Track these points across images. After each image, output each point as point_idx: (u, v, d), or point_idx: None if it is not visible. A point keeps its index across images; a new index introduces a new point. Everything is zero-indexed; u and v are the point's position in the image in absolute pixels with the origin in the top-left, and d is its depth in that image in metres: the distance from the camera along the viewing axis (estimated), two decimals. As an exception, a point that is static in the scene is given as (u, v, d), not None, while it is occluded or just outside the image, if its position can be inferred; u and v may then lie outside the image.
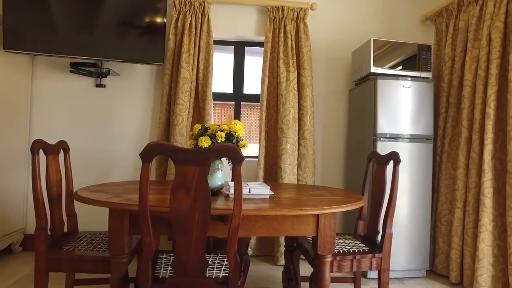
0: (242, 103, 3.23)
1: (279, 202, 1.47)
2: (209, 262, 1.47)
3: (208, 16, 2.84)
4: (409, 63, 2.60)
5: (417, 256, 2.53)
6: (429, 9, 3.08)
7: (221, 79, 3.33)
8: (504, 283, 2.18)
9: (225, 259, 1.50)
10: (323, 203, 1.47)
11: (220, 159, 1.69)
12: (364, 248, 1.76)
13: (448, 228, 2.53)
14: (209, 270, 1.39)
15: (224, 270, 1.39)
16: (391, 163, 1.78)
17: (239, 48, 3.18)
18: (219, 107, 4.72)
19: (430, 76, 2.60)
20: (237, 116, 3.14)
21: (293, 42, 2.86)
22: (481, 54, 2.29)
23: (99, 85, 2.89)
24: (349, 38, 3.09)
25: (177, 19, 2.84)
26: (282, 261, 2.71)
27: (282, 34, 2.86)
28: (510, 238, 2.05)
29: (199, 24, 2.84)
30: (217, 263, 1.47)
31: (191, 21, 2.82)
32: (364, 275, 2.53)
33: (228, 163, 1.86)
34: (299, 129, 2.83)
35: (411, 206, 2.52)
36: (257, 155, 3.05)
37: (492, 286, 2.18)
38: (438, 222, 2.61)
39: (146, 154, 1.17)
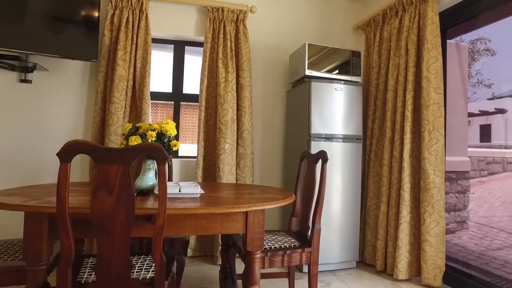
0: (182, 103, 3.19)
1: (209, 201, 1.48)
2: (139, 263, 1.44)
3: (146, 13, 2.77)
4: (343, 68, 2.78)
5: (348, 248, 2.70)
6: (360, 18, 3.31)
7: (160, 78, 3.26)
8: (417, 267, 2.43)
9: (155, 260, 1.48)
10: (253, 201, 1.51)
11: (152, 158, 1.67)
12: (295, 244, 1.85)
13: (375, 222, 2.75)
14: (136, 272, 1.36)
15: (152, 271, 1.37)
16: (321, 162, 1.89)
17: (179, 47, 3.14)
18: (161, 106, 4.60)
19: (360, 80, 2.80)
20: (176, 115, 3.10)
21: (233, 44, 2.90)
22: (401, 62, 2.53)
23: (23, 80, 2.66)
24: (287, 42, 3.20)
25: (113, 14, 2.72)
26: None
27: (221, 35, 2.88)
28: (423, 227, 2.29)
29: (137, 21, 2.75)
30: (147, 264, 1.44)
31: (128, 17, 2.72)
32: (300, 269, 2.64)
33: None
34: (237, 129, 2.87)
35: (343, 202, 2.68)
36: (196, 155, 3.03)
37: (408, 270, 2.42)
38: (367, 216, 2.81)
39: (64, 154, 1.12)
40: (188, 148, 3.23)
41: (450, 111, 2.74)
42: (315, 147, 2.59)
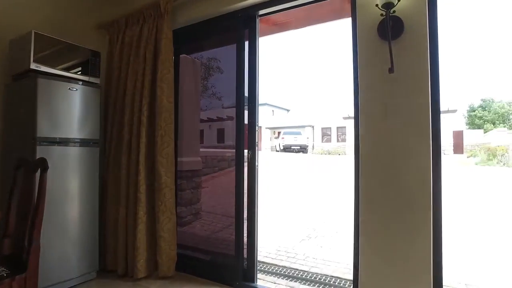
0: None
1: None
2: None
3: None
4: (81, 67, 2.59)
5: (88, 259, 2.55)
6: (104, 18, 3.15)
7: None
8: (154, 262, 2.62)
9: None
10: None
11: None
12: (3, 273, 1.53)
13: (115, 226, 2.72)
14: None
15: None
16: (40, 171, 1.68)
17: None
18: None
19: (98, 82, 2.69)
20: None
21: None
22: (139, 68, 2.64)
23: None
24: (8, 23, 2.59)
25: None
26: None
27: None
28: (158, 225, 2.50)
29: None
30: None
31: None
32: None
33: None
34: None
35: (81, 211, 2.51)
36: None
37: (146, 268, 2.57)
38: (107, 222, 2.74)
39: None
40: None
41: (187, 117, 3.13)
42: (44, 153, 2.25)
